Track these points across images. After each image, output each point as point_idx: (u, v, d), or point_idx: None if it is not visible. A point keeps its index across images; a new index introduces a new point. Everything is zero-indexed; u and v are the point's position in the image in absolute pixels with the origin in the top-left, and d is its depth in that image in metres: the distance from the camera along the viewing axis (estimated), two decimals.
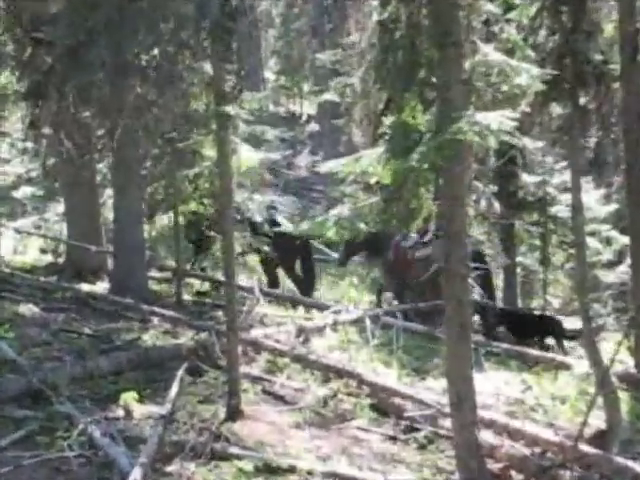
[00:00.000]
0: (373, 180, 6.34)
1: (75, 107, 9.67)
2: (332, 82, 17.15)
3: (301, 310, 11.88)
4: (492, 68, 6.39)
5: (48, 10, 10.30)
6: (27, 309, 10.15)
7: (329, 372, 8.53)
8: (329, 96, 17.35)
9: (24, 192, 24.41)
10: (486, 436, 6.71)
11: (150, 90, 9.25)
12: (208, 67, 8.12)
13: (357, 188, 13.30)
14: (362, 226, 6.40)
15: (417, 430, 7.39)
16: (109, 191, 13.67)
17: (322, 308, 11.68)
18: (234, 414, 7.16)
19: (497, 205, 14.23)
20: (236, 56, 7.88)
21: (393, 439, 7.36)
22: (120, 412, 6.98)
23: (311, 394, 8.04)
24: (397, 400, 7.86)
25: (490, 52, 6.39)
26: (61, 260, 13.89)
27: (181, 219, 12.23)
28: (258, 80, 32.79)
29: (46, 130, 11.03)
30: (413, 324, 11.27)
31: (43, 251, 15.08)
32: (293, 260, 13.63)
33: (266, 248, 12.56)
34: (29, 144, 16.64)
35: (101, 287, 12.27)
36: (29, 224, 17.14)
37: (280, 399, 8.02)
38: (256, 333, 9.49)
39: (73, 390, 7.17)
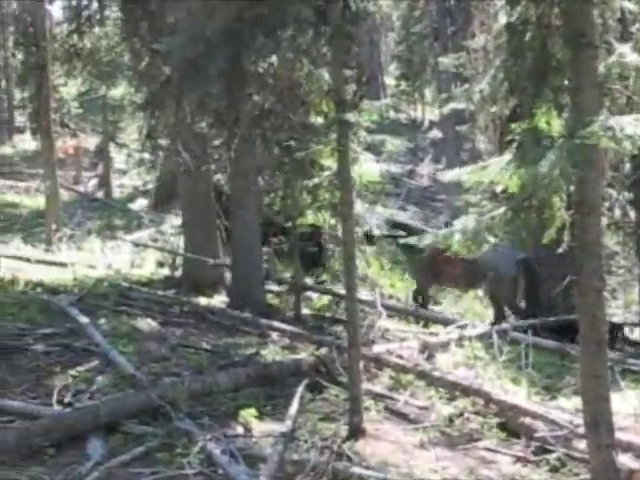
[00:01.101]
0: (499, 189, 6.02)
1: (192, 117, 9.63)
2: (456, 87, 16.87)
3: (424, 325, 11.57)
4: (628, 70, 6.01)
5: (166, 21, 10.31)
6: (145, 323, 10.12)
7: (455, 390, 8.18)
8: (454, 104, 17.00)
9: (140, 204, 24.81)
10: (624, 459, 6.27)
11: (268, 99, 9.13)
12: (327, 74, 7.95)
13: (482, 197, 12.93)
14: (490, 239, 6.05)
15: (549, 452, 6.96)
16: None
17: (446, 323, 11.33)
18: (356, 432, 6.91)
19: (632, 214, 13.64)
20: (356, 62, 7.67)
21: (523, 461, 6.96)
22: (239, 429, 6.83)
23: (436, 412, 7.74)
24: (527, 420, 7.45)
25: (626, 52, 6.01)
26: (178, 273, 13.91)
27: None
28: (378, 86, 32.65)
29: (163, 141, 11.04)
30: (543, 340, 10.81)
31: (160, 264, 15.14)
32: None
33: None
34: (146, 155, 16.80)
35: (218, 301, 12.22)
36: (146, 237, 17.29)
37: (403, 417, 7.73)
38: (378, 349, 9.21)
39: (192, 406, 7.04)
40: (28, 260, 14.86)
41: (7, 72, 37.80)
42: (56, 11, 46.86)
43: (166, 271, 14.46)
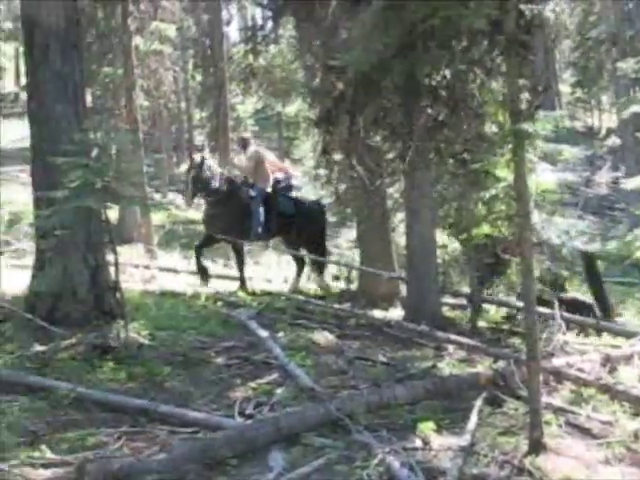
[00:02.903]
0: None
1: (366, 131, 9.68)
2: (635, 93, 16.32)
3: (605, 337, 11.20)
4: None
5: (339, 36, 10.43)
6: (322, 336, 10.22)
7: None
8: (634, 108, 16.43)
9: None
10: None
11: (441, 111, 9.08)
12: (500, 84, 7.84)
13: None
14: None
15: None
16: (400, 215, 13.65)
17: (630, 335, 10.93)
18: (537, 447, 6.72)
19: None
20: (531, 71, 7.53)
21: None
22: (418, 442, 6.76)
23: (620, 428, 7.45)
24: None
25: None
26: (353, 286, 14.01)
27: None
28: (552, 94, 32.02)
29: (337, 156, 11.14)
30: None
31: (336, 277, 15.29)
32: None
33: None
34: (321, 171, 17.01)
35: (394, 314, 12.22)
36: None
37: (586, 432, 7.46)
38: (558, 362, 8.98)
39: (370, 419, 7.03)
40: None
41: (187, 93, 39.15)
42: (232, 33, 48.18)
43: (342, 284, 14.59)
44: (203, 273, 14.22)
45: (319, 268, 15.13)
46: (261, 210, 14.32)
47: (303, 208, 15.11)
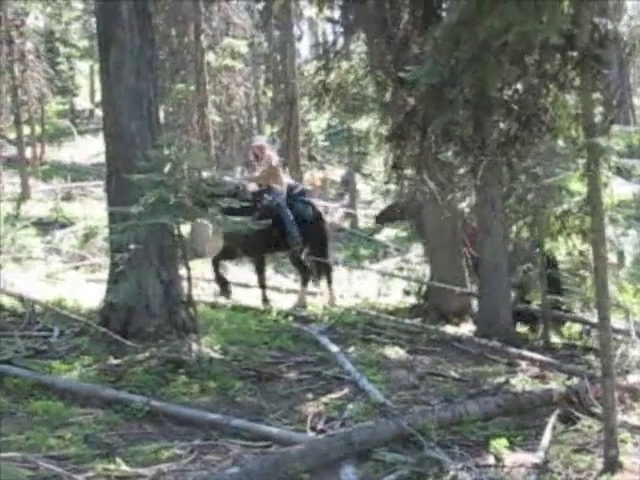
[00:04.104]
0: None
1: (437, 146, 9.67)
2: None
3: None
4: None
5: (410, 51, 10.44)
6: (393, 352, 10.21)
7: None
8: None
9: (387, 234, 25.15)
10: None
11: (513, 125, 9.03)
12: (573, 98, 7.77)
13: None
14: None
15: None
16: None
17: None
18: (612, 466, 6.60)
19: None
20: (605, 85, 7.46)
21: None
22: (490, 459, 6.71)
23: None
24: None
25: None
26: (424, 302, 13.95)
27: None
28: (627, 108, 31.58)
29: (408, 171, 11.13)
30: None
31: (406, 293, 15.25)
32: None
33: None
34: (392, 186, 17.02)
35: (465, 329, 12.16)
36: (392, 266, 17.48)
37: None
38: (633, 379, 8.83)
39: (442, 435, 6.99)
40: (279, 290, 15.42)
41: (258, 109, 39.46)
42: (304, 49, 48.49)
43: (412, 299, 14.54)
44: (223, 285, 13.89)
45: (327, 276, 14.60)
46: (290, 213, 13.63)
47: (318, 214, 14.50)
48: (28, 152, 36.18)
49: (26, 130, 37.01)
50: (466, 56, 6.91)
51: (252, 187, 13.77)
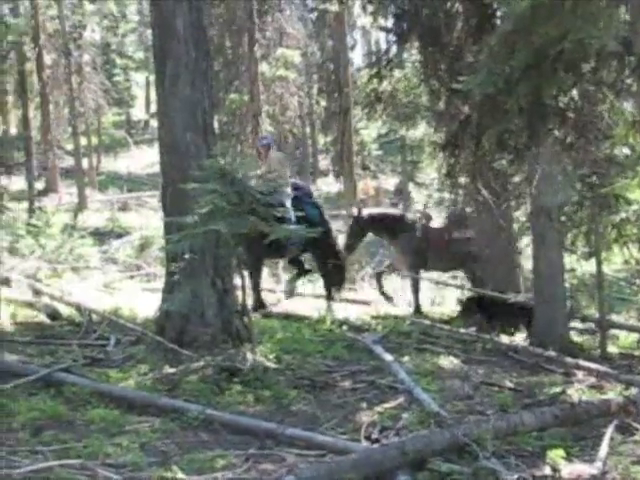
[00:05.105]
0: None
1: (491, 155, 9.62)
2: None
3: None
4: None
5: (464, 59, 10.41)
6: (448, 361, 10.16)
7: None
8: None
9: None
10: None
11: (569, 133, 8.96)
12: (630, 105, 7.69)
13: None
14: None
15: None
16: (526, 239, 13.48)
17: None
18: None
19: None
20: None
21: None
22: (547, 470, 6.61)
23: None
24: None
25: None
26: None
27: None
28: None
29: (462, 179, 11.10)
30: None
31: (460, 302, 15.17)
32: None
33: None
34: (446, 194, 16.96)
35: (520, 338, 12.07)
36: (446, 274, 17.37)
37: None
38: None
39: (497, 445, 6.92)
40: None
41: (311, 118, 39.58)
42: (357, 57, 48.61)
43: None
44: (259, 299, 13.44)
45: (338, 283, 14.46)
46: (293, 215, 12.80)
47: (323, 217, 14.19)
48: (85, 163, 36.76)
49: (83, 141, 37.61)
50: (521, 64, 6.89)
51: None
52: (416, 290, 14.72)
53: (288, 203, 13.24)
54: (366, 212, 15.02)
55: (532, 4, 6.56)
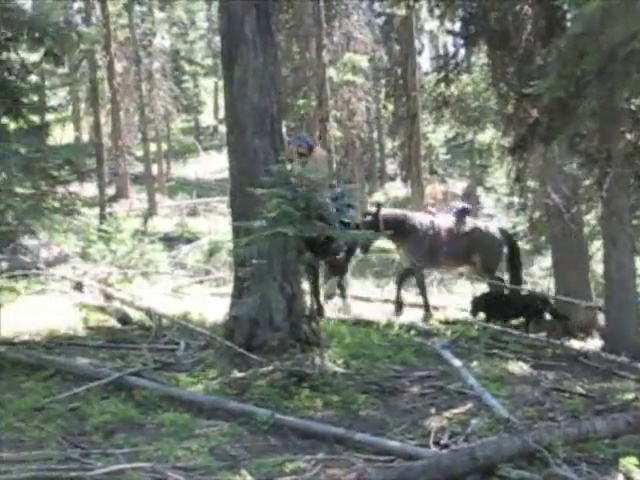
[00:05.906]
0: None
1: (561, 158, 9.53)
2: None
3: None
4: None
5: (533, 63, 10.32)
6: (517, 367, 10.07)
7: None
8: None
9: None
10: None
11: None
12: None
13: None
14: None
15: None
16: (597, 243, 13.31)
17: None
18: None
19: None
20: None
21: None
22: (620, 478, 6.54)
23: None
24: None
25: None
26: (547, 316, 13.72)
27: None
28: None
29: (531, 183, 11.01)
30: None
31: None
32: None
33: None
34: (515, 198, 16.84)
35: (592, 344, 11.92)
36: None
37: None
38: None
39: (568, 452, 6.83)
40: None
41: (379, 123, 39.57)
42: (424, 62, 48.48)
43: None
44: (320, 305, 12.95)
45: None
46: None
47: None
48: (155, 169, 37.22)
49: (153, 147, 38.10)
50: (592, 67, 6.81)
51: None
52: (423, 290, 14.42)
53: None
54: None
55: (602, 5, 6.49)
